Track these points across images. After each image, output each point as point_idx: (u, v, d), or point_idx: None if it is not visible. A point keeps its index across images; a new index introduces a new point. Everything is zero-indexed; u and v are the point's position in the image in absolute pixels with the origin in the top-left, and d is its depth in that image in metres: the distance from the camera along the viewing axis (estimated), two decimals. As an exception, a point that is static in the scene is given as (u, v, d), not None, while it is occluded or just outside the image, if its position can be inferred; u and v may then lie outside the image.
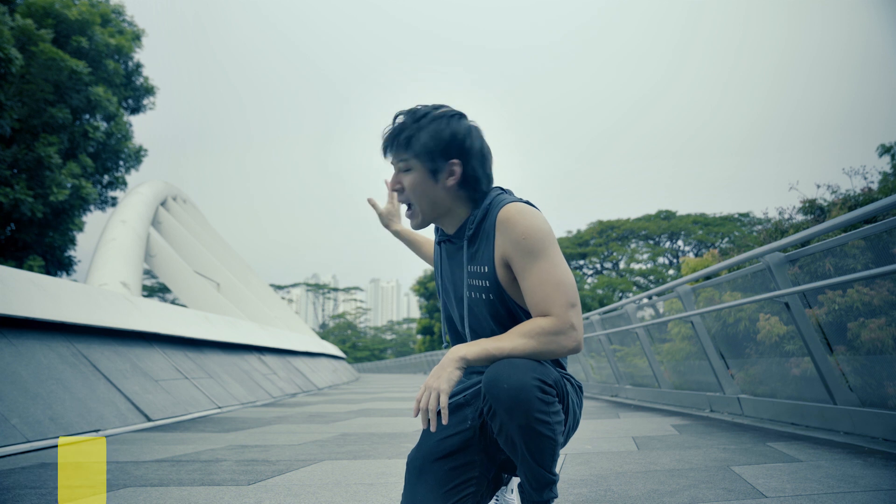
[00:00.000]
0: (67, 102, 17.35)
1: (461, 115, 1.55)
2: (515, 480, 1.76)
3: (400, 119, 1.53)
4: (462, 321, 1.59)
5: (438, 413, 1.37)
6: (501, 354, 1.38)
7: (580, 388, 1.60)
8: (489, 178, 1.56)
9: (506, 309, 1.52)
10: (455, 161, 1.49)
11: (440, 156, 1.48)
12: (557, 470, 1.48)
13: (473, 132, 1.53)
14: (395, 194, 1.65)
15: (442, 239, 1.63)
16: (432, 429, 1.38)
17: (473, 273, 1.53)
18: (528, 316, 1.50)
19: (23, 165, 16.60)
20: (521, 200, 1.52)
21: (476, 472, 1.52)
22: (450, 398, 1.57)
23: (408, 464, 1.54)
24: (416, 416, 1.38)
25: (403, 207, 1.61)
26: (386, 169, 1.62)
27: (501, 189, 1.60)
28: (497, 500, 1.71)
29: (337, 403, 8.44)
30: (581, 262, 35.68)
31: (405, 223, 1.99)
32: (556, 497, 1.47)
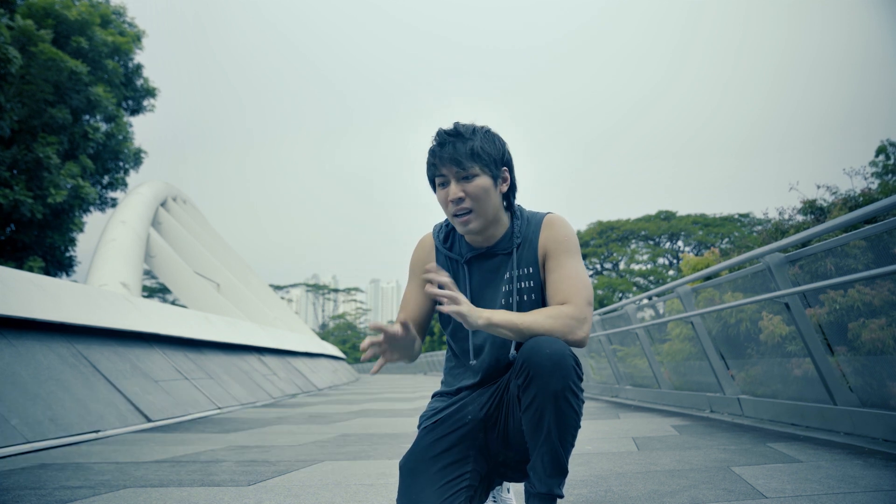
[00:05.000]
0: (67, 103, 17.35)
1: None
2: (511, 483, 1.77)
3: (453, 134, 1.57)
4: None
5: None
6: (523, 325, 1.45)
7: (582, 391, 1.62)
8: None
9: None
10: (505, 169, 1.62)
11: (497, 164, 1.59)
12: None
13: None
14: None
15: (474, 255, 1.64)
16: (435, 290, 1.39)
17: (521, 276, 1.61)
18: None
19: (22, 166, 16.60)
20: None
21: (470, 467, 1.53)
22: (452, 402, 1.60)
23: (400, 467, 1.55)
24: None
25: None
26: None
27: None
28: (494, 499, 1.71)
29: (337, 404, 8.43)
30: (581, 263, 35.62)
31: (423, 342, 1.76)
32: (563, 497, 1.48)
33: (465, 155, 1.53)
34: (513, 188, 1.65)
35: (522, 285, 1.60)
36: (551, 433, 1.40)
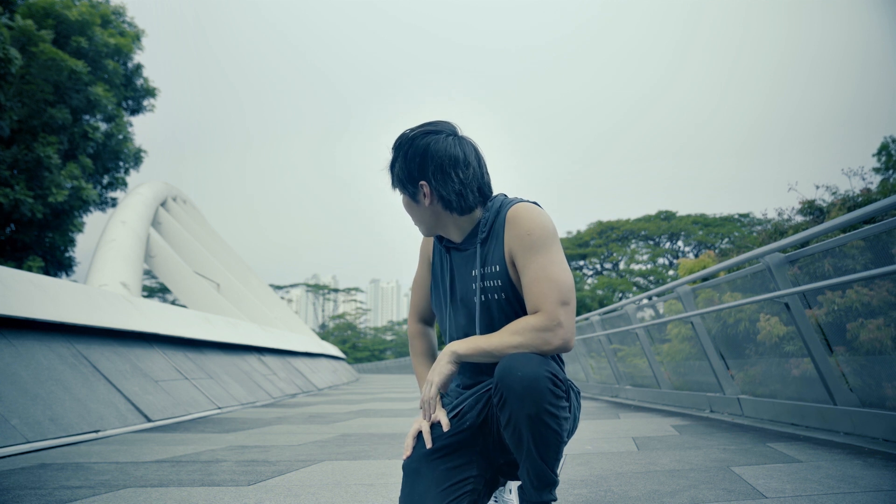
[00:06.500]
0: (67, 103, 17.35)
1: (426, 133, 1.56)
2: (513, 482, 1.77)
3: (390, 154, 1.62)
4: (473, 324, 1.59)
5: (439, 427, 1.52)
6: (490, 348, 1.44)
7: (578, 393, 1.62)
8: (465, 186, 1.55)
9: (522, 309, 1.54)
10: (423, 182, 1.55)
11: (409, 182, 1.56)
12: (559, 471, 1.48)
13: (436, 147, 1.53)
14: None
15: (450, 245, 1.65)
16: (428, 418, 1.51)
17: (487, 274, 1.56)
18: None
19: (22, 166, 16.61)
20: (529, 202, 1.57)
21: (474, 472, 1.52)
22: (452, 406, 1.59)
23: (404, 467, 1.55)
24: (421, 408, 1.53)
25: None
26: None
27: (506, 195, 1.64)
28: (496, 500, 1.71)
29: (337, 404, 8.44)
30: (581, 263, 35.68)
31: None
32: (556, 500, 1.47)
33: (391, 179, 1.62)
34: (442, 198, 1.55)
35: (489, 284, 1.55)
36: (532, 452, 1.39)
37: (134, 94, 21.03)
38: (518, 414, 1.36)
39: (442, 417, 1.52)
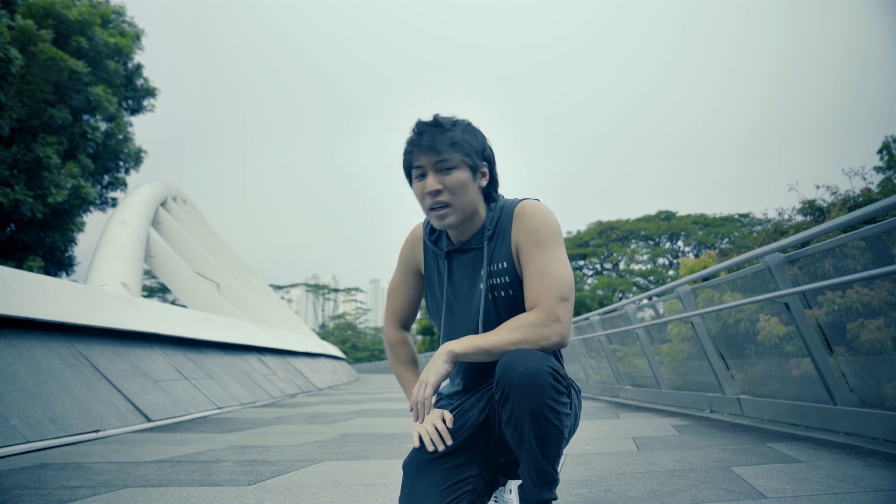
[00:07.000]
0: (67, 103, 17.35)
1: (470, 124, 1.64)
2: (513, 482, 1.77)
3: (433, 124, 1.53)
4: (476, 324, 1.58)
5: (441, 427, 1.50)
6: (488, 345, 1.43)
7: (579, 392, 1.62)
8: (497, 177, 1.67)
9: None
10: (484, 163, 1.58)
11: (478, 156, 1.56)
12: (559, 470, 1.48)
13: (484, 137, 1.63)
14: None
15: (451, 249, 1.64)
16: (420, 420, 1.47)
17: (495, 272, 1.56)
18: None
19: (22, 166, 16.61)
20: (534, 199, 1.60)
21: (474, 471, 1.52)
22: (454, 407, 1.59)
23: (404, 467, 1.55)
24: (411, 410, 1.48)
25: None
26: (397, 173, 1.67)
27: (505, 196, 1.66)
28: (496, 500, 1.71)
29: (337, 404, 8.44)
30: (581, 263, 35.68)
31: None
32: (556, 499, 1.47)
33: (445, 144, 1.49)
34: (493, 183, 1.62)
35: (496, 281, 1.55)
36: (533, 448, 1.39)
37: (134, 94, 21.02)
38: (520, 409, 1.36)
39: (445, 413, 1.52)
